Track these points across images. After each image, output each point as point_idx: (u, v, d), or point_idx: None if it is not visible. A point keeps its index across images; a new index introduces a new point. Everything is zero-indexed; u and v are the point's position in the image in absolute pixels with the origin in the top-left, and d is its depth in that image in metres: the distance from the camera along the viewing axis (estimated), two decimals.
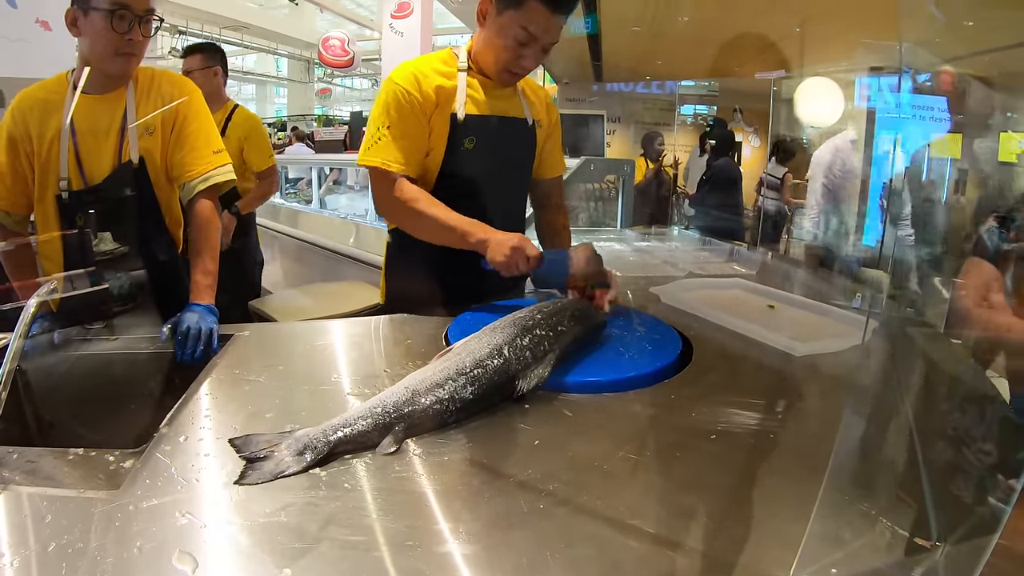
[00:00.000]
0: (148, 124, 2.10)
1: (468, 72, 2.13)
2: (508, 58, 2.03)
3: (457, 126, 2.08)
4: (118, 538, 0.96)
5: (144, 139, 2.10)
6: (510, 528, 0.98)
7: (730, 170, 7.34)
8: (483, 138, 2.12)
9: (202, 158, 2.15)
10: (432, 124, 2.08)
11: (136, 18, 1.95)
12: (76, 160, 2.04)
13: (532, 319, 1.54)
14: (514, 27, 1.96)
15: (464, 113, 2.08)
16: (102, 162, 2.07)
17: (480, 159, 2.13)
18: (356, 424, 1.21)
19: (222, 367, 1.64)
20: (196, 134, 2.16)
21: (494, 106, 2.14)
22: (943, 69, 2.28)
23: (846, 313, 2.10)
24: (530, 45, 1.99)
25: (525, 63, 2.04)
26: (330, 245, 5.43)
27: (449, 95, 2.08)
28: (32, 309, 1.46)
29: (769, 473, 1.16)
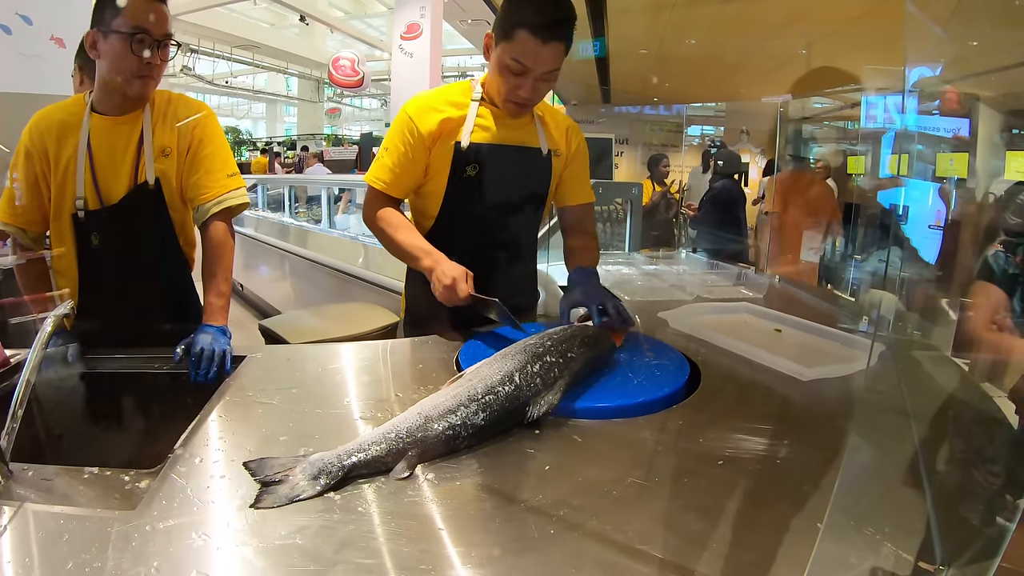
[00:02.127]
0: (164, 146, 2.12)
1: (482, 103, 2.18)
2: (507, 89, 2.06)
3: (460, 153, 2.13)
4: (135, 558, 0.97)
5: (160, 161, 2.11)
6: (522, 553, 0.99)
7: (732, 191, 7.35)
8: (487, 165, 2.16)
9: (216, 181, 2.17)
10: (435, 153, 2.15)
11: (155, 42, 1.97)
12: (93, 180, 2.05)
13: (542, 346, 1.55)
14: (507, 58, 1.99)
15: (469, 141, 2.13)
16: (118, 183, 2.08)
17: (483, 186, 2.17)
18: (370, 449, 1.22)
19: (235, 389, 1.66)
20: (211, 157, 2.18)
21: (505, 135, 2.18)
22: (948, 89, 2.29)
23: (852, 337, 2.11)
24: (524, 75, 2.01)
25: (522, 93, 2.06)
26: (340, 266, 5.44)
27: (457, 125, 2.15)
28: (49, 328, 1.48)
29: (776, 498, 1.17)
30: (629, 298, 2.73)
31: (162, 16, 1.98)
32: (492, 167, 2.17)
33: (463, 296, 1.94)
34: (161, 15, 1.98)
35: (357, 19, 21.88)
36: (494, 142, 2.17)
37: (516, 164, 2.22)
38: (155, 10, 1.96)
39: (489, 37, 2.07)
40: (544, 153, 2.25)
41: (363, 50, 18.58)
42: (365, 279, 4.99)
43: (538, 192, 2.31)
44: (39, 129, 2.07)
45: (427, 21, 9.15)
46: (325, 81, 22.09)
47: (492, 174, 2.17)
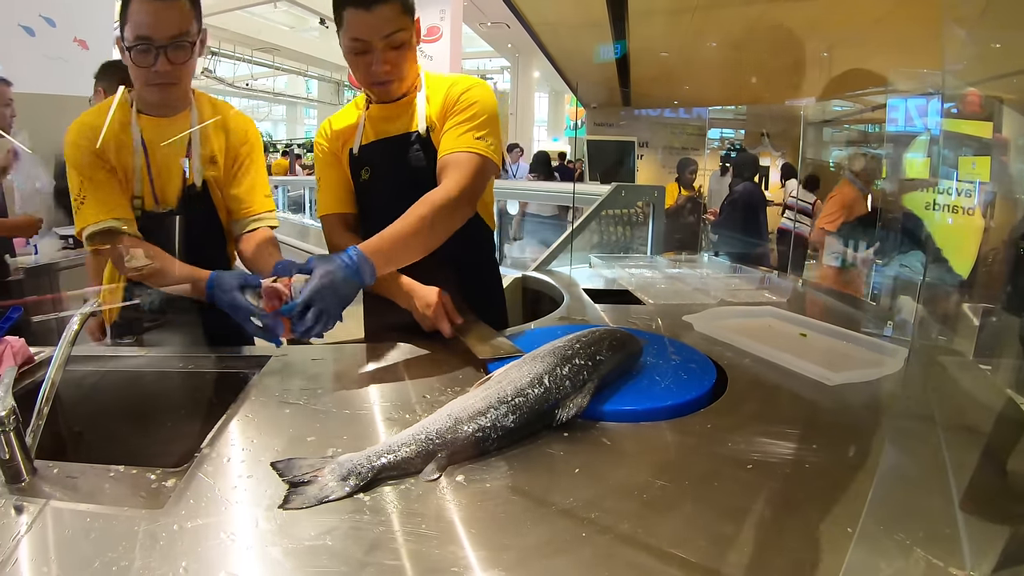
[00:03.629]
0: (211, 154, 2.16)
1: (367, 105, 2.20)
2: (361, 74, 2.06)
3: (354, 159, 2.18)
4: (163, 557, 0.97)
5: (208, 167, 2.16)
6: (553, 555, 0.98)
7: (753, 195, 7.33)
8: (376, 165, 2.17)
9: (256, 199, 2.24)
10: (343, 165, 2.21)
11: (159, 48, 1.91)
12: (149, 180, 2.07)
13: (571, 348, 1.54)
14: (347, 43, 2.00)
15: (359, 144, 2.17)
16: (172, 183, 2.11)
17: (377, 186, 2.19)
18: (400, 451, 1.22)
19: (261, 389, 1.66)
20: (255, 174, 2.24)
21: (384, 128, 2.17)
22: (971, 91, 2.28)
23: (878, 341, 2.10)
24: (366, 53, 1.99)
25: (375, 69, 2.01)
26: None
27: (350, 134, 2.20)
28: (76, 326, 1.49)
29: (806, 503, 1.16)
30: (653, 301, 2.73)
31: (164, 20, 1.89)
32: (378, 165, 2.17)
33: (447, 335, 1.96)
34: (162, 18, 1.89)
35: None
36: (375, 139, 2.18)
37: (398, 154, 2.16)
38: (154, 14, 1.88)
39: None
40: (422, 132, 2.13)
41: None
42: None
43: (430, 176, 2.08)
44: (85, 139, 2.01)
45: (447, 24, 9.17)
46: (345, 83, 22.21)
47: (380, 172, 2.18)
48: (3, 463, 1.21)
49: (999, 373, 1.95)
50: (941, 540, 1.03)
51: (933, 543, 1.02)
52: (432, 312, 1.96)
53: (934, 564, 0.97)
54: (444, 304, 1.98)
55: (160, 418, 1.82)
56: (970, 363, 2.08)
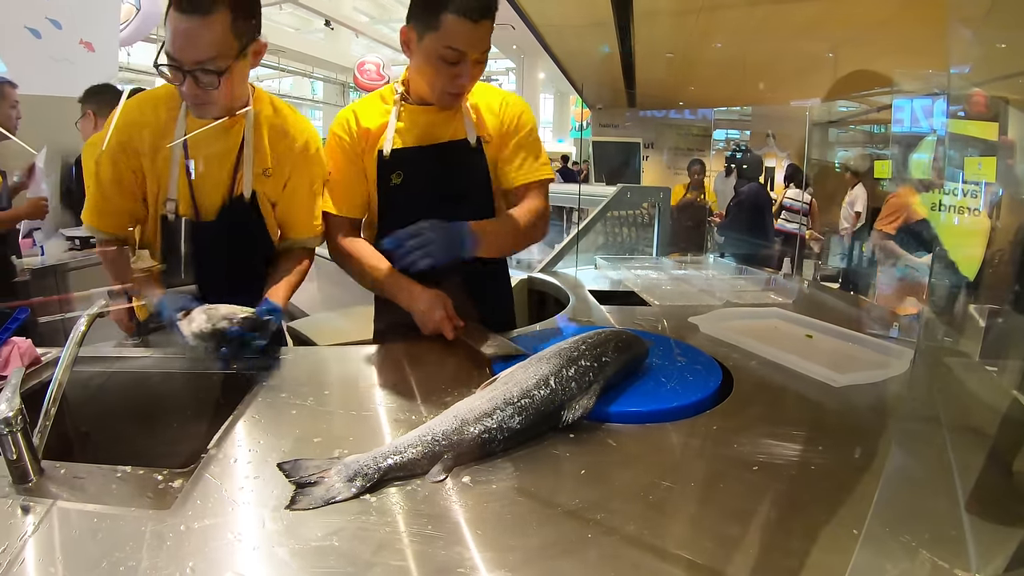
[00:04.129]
0: (265, 166, 2.05)
1: (405, 103, 2.13)
2: (443, 82, 1.99)
3: (383, 162, 2.10)
4: (170, 558, 0.98)
5: (260, 179, 2.05)
6: (559, 556, 0.99)
7: (759, 196, 7.32)
8: (411, 170, 2.12)
9: (306, 221, 2.16)
10: (365, 165, 2.13)
11: (186, 72, 1.79)
12: (189, 187, 2.01)
13: (577, 350, 1.54)
14: (439, 49, 1.91)
15: (390, 148, 2.09)
16: (216, 193, 2.03)
17: (410, 191, 2.13)
18: (406, 452, 1.22)
19: (267, 390, 1.66)
20: (309, 195, 2.14)
21: (427, 134, 2.12)
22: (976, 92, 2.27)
23: (883, 343, 2.09)
24: (461, 63, 1.94)
25: (461, 81, 1.99)
26: None
27: (379, 134, 2.12)
28: (83, 328, 1.50)
29: (811, 504, 1.16)
30: (659, 302, 2.72)
31: (192, 43, 1.76)
32: (417, 170, 2.12)
33: (449, 337, 1.94)
34: (191, 41, 1.76)
35: (382, 23, 21.98)
36: (415, 144, 2.12)
37: (442, 163, 2.14)
38: (184, 35, 1.75)
39: (406, 31, 2.00)
40: (473, 144, 2.16)
41: (388, 54, 18.68)
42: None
43: (474, 187, 2.22)
44: (133, 125, 1.96)
45: None
46: (351, 85, 22.20)
47: (417, 178, 2.13)
48: (10, 463, 1.21)
49: (1005, 375, 1.94)
50: (947, 542, 1.03)
51: (939, 545, 1.02)
52: (434, 315, 1.96)
53: (940, 566, 0.97)
54: (445, 307, 1.97)
55: (167, 419, 1.82)
56: (976, 364, 2.08)
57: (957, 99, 2.17)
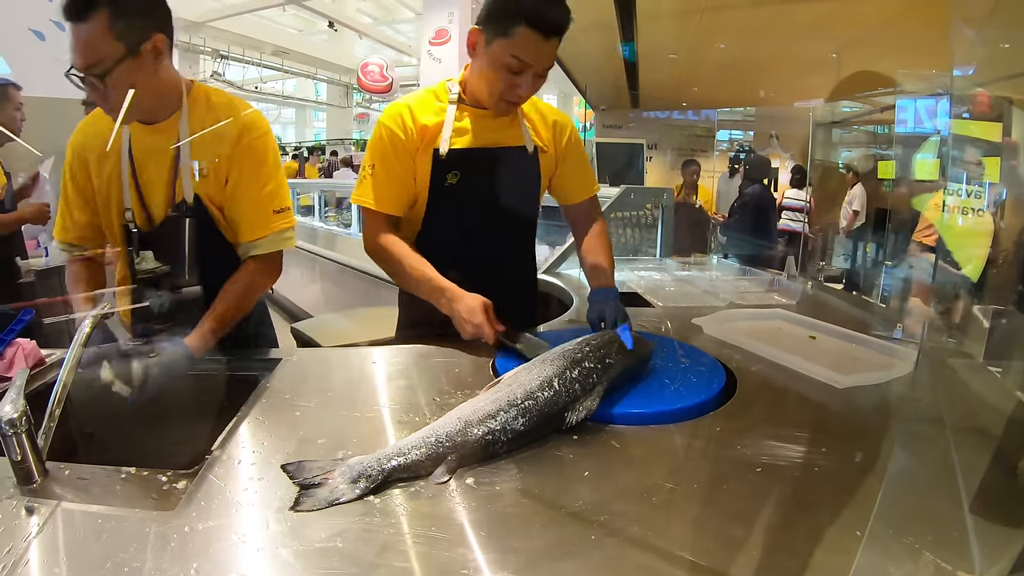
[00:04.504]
0: (200, 166, 1.92)
1: (461, 104, 2.12)
2: (502, 88, 1.99)
3: (439, 161, 2.07)
4: (174, 559, 0.98)
5: (199, 182, 1.93)
6: (562, 558, 0.99)
7: (763, 197, 7.32)
8: (468, 171, 2.10)
9: (261, 218, 1.98)
10: (417, 162, 2.09)
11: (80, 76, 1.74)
12: (138, 195, 1.94)
13: (581, 352, 1.55)
14: (505, 56, 1.91)
15: (447, 147, 2.07)
16: (159, 200, 1.94)
17: (466, 193, 2.12)
18: (410, 453, 1.22)
19: (271, 391, 1.66)
20: (252, 188, 1.97)
21: (486, 137, 2.12)
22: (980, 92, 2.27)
23: (887, 344, 2.09)
24: (523, 73, 1.95)
25: (520, 91, 2.00)
26: (370, 269, 5.46)
27: (435, 132, 2.08)
28: (87, 330, 1.50)
29: (815, 506, 1.16)
30: (662, 304, 2.72)
31: (77, 47, 1.71)
32: (474, 173, 2.12)
33: (490, 340, 1.91)
34: (76, 45, 1.71)
35: (385, 25, 21.99)
36: (475, 146, 2.11)
37: (500, 167, 2.15)
38: (73, 38, 1.71)
39: (476, 33, 1.99)
40: (530, 152, 2.18)
41: (391, 56, 18.68)
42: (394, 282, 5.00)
43: (527, 194, 2.27)
44: (79, 142, 1.98)
45: (455, 26, 9.18)
46: (354, 86, 22.21)
47: (474, 180, 2.12)
48: (15, 464, 1.21)
49: (1009, 376, 1.94)
50: (950, 543, 1.03)
51: (942, 546, 1.02)
52: (475, 319, 1.93)
53: (943, 567, 0.97)
54: (487, 312, 1.95)
55: (171, 420, 1.82)
56: (980, 365, 2.07)
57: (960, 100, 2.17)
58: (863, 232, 7.56)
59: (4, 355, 1.78)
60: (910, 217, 4.41)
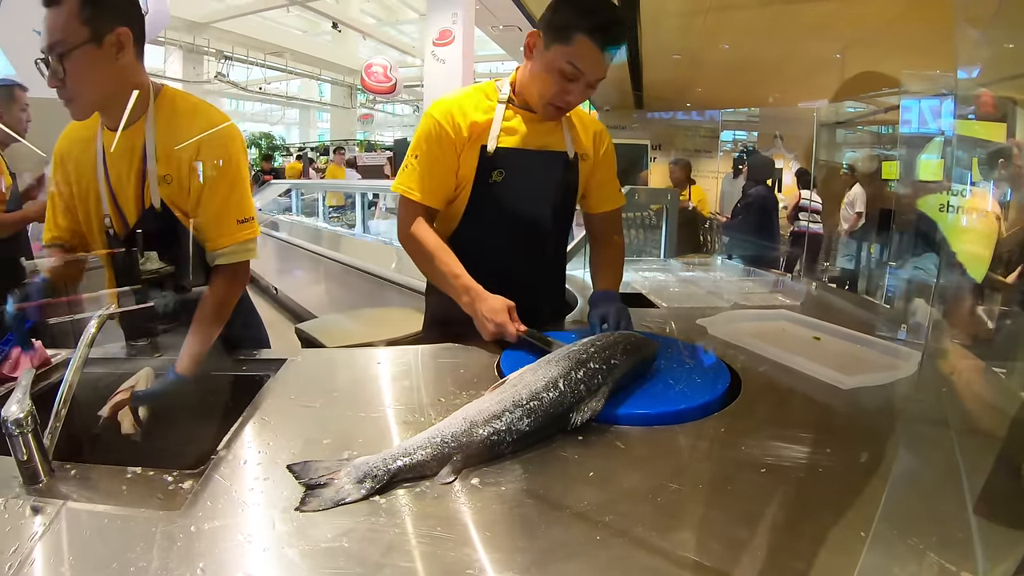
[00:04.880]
0: (165, 172, 1.89)
1: (509, 105, 2.14)
2: (553, 92, 2.01)
3: (486, 158, 2.09)
4: (180, 558, 0.98)
5: (163, 187, 1.90)
6: (567, 559, 0.99)
7: (767, 198, 7.31)
8: (513, 170, 2.12)
9: (224, 228, 1.94)
10: (463, 158, 2.10)
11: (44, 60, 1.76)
12: (113, 201, 1.94)
13: (586, 352, 1.55)
14: (561, 62, 1.95)
15: (495, 145, 2.09)
16: (131, 203, 1.93)
17: (509, 191, 2.14)
18: (416, 454, 1.22)
19: (277, 391, 1.67)
20: (215, 196, 1.93)
21: (532, 139, 2.14)
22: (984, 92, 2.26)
23: (892, 345, 2.09)
24: (576, 80, 1.98)
25: (570, 98, 2.03)
26: (374, 270, 5.47)
27: (484, 129, 2.10)
28: (93, 329, 1.50)
29: (819, 507, 1.16)
30: (666, 304, 2.72)
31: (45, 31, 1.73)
32: (519, 172, 2.13)
33: (513, 339, 1.93)
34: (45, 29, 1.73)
35: (389, 26, 22.02)
36: (521, 146, 2.13)
37: (543, 169, 2.18)
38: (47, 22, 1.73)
39: (535, 36, 2.03)
40: (571, 157, 2.21)
41: (395, 56, 18.68)
42: (399, 283, 5.01)
43: (566, 198, 2.29)
44: (61, 148, 2.01)
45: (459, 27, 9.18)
46: (358, 87, 22.23)
47: (518, 179, 2.14)
48: (21, 464, 1.22)
49: (1014, 377, 1.94)
50: (954, 545, 1.03)
51: (946, 548, 1.02)
52: (497, 318, 1.96)
53: (947, 569, 0.97)
54: (510, 312, 1.98)
55: (176, 420, 1.83)
56: (985, 367, 2.07)
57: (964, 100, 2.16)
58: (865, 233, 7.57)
59: (10, 355, 1.78)
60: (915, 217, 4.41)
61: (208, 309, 1.91)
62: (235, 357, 1.94)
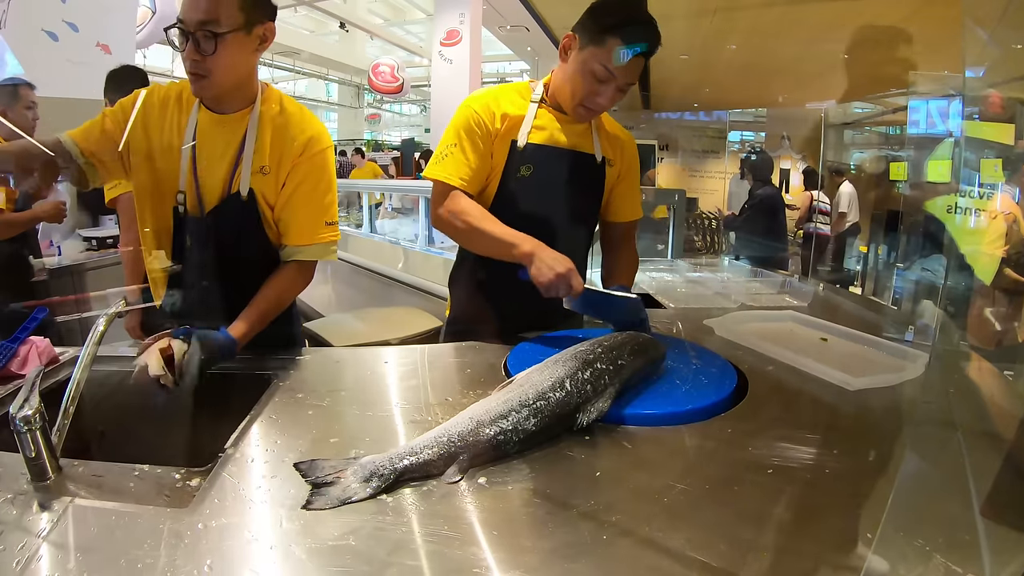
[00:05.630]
0: (263, 164, 1.95)
1: (541, 104, 2.17)
2: (584, 93, 2.04)
3: (516, 152, 2.11)
4: (188, 555, 0.99)
5: (257, 177, 1.95)
6: (574, 558, 0.99)
7: (774, 199, 7.30)
8: (541, 167, 2.14)
9: (307, 228, 2.01)
10: (494, 149, 2.12)
11: (188, 34, 1.77)
12: (194, 180, 1.95)
13: (593, 353, 1.55)
14: (594, 63, 1.98)
15: (525, 140, 2.11)
16: (214, 189, 1.95)
17: (535, 187, 2.15)
18: (422, 453, 1.23)
19: (284, 390, 1.67)
20: (311, 199, 2.00)
21: (562, 139, 2.16)
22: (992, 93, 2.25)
23: (898, 346, 2.08)
24: (608, 83, 2.01)
25: (600, 100, 2.05)
26: (381, 269, 5.47)
27: (516, 123, 2.13)
28: (101, 328, 1.51)
29: (826, 508, 1.16)
30: (674, 305, 2.72)
31: (195, 2, 1.75)
32: (547, 169, 2.15)
33: (578, 288, 1.89)
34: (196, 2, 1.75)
35: (396, 26, 21.99)
36: (550, 144, 2.15)
37: (570, 168, 2.19)
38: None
39: (570, 38, 2.06)
40: (599, 161, 2.23)
41: (403, 56, 18.68)
42: (406, 283, 5.02)
43: (590, 199, 2.30)
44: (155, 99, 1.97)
45: (466, 27, 9.18)
46: (365, 87, 22.24)
47: (546, 176, 2.16)
48: (29, 461, 1.23)
49: (1021, 379, 1.93)
50: (961, 546, 1.03)
51: (953, 549, 1.02)
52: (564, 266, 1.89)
53: (953, 570, 0.97)
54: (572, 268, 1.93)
55: (183, 418, 1.83)
56: (992, 368, 2.07)
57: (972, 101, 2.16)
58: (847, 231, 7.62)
59: (18, 353, 1.79)
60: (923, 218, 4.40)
61: (275, 292, 1.97)
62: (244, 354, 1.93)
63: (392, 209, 8.36)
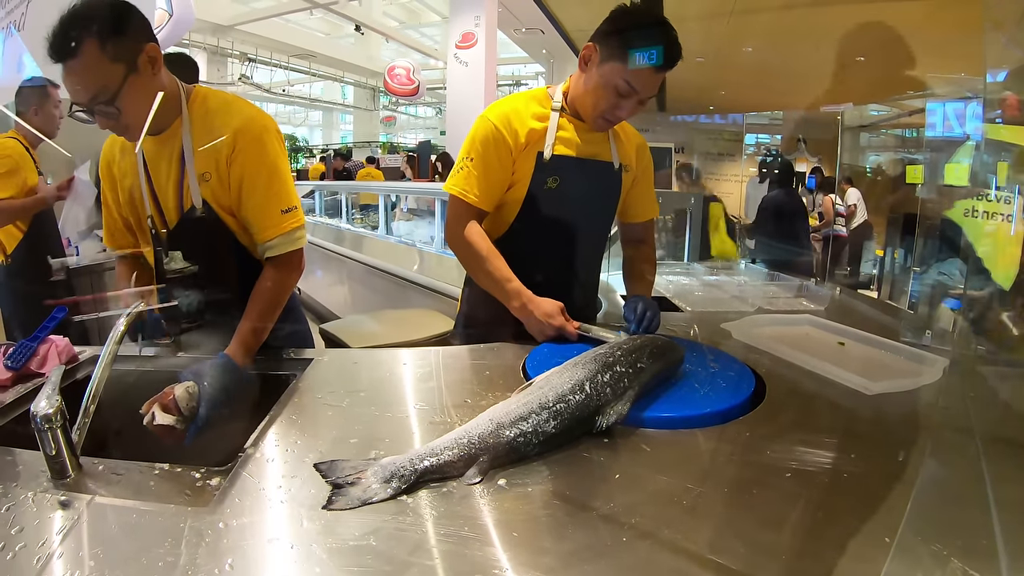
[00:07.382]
0: (203, 171, 1.90)
1: (562, 113, 2.17)
2: (605, 107, 2.06)
3: (543, 165, 2.12)
4: (209, 554, 1.00)
5: (204, 186, 1.90)
6: (594, 559, 0.99)
7: (791, 202, 7.26)
8: (567, 178, 2.15)
9: (268, 220, 1.94)
10: (518, 162, 2.13)
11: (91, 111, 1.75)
12: (155, 203, 1.95)
13: (613, 356, 1.55)
14: (616, 78, 1.99)
15: (551, 153, 2.12)
16: (172, 204, 1.93)
17: (562, 199, 2.17)
18: (443, 454, 1.23)
19: (303, 391, 1.68)
20: (255, 189, 1.92)
21: (583, 148, 2.17)
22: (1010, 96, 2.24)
23: (916, 351, 2.07)
24: (629, 97, 2.02)
25: (621, 113, 2.07)
26: (397, 271, 5.48)
27: (539, 136, 2.13)
28: (122, 328, 1.52)
29: (845, 512, 1.16)
30: (691, 308, 2.72)
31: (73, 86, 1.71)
32: (572, 180, 2.16)
33: (573, 337, 2.01)
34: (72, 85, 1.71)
35: (412, 28, 22.05)
36: (575, 155, 2.16)
37: (592, 178, 2.21)
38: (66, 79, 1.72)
39: (591, 49, 2.06)
40: (616, 168, 2.25)
41: (418, 59, 18.70)
42: (422, 284, 5.02)
43: (610, 206, 2.33)
44: (106, 154, 2.05)
45: (482, 30, 9.20)
46: (381, 90, 22.31)
47: (572, 187, 2.17)
48: (50, 459, 1.24)
49: None
50: (979, 552, 1.03)
51: (971, 555, 1.01)
52: (554, 321, 2.03)
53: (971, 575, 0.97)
54: (563, 313, 2.05)
55: None
56: (1010, 373, 2.06)
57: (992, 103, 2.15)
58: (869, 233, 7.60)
59: (38, 351, 1.80)
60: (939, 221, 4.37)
61: (263, 297, 1.92)
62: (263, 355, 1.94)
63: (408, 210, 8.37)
